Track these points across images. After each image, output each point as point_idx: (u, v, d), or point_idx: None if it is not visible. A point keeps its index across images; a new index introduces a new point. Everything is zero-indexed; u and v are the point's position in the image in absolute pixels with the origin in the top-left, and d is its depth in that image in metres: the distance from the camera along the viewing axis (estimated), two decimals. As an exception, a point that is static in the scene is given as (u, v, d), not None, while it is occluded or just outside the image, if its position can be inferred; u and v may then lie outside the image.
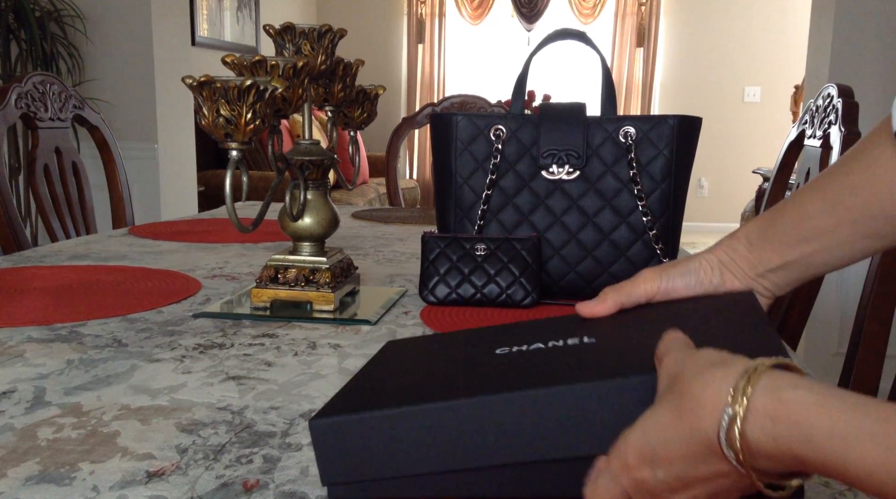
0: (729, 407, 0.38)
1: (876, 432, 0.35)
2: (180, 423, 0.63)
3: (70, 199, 1.72)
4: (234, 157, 0.79)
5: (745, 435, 0.37)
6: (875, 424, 0.35)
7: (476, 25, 6.04)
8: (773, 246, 0.61)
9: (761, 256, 0.61)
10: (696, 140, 1.03)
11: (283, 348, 0.82)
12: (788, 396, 0.37)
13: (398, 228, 1.68)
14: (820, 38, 2.60)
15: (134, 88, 3.22)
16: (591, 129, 1.01)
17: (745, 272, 0.61)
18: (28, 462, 0.55)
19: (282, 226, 0.97)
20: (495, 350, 0.53)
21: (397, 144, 2.36)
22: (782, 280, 0.62)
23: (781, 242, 0.61)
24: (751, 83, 5.88)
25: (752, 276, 0.61)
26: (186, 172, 3.56)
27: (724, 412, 0.38)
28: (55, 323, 0.89)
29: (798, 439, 0.36)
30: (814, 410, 0.36)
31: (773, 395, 0.37)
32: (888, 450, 0.34)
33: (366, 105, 1.09)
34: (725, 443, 0.38)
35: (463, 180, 1.03)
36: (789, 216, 0.62)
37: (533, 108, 3.63)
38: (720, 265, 0.62)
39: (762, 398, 0.37)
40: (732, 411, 0.38)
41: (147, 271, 1.17)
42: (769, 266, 0.61)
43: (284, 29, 0.93)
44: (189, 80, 0.76)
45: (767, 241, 0.61)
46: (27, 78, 1.64)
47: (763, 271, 0.61)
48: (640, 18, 5.87)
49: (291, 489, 0.52)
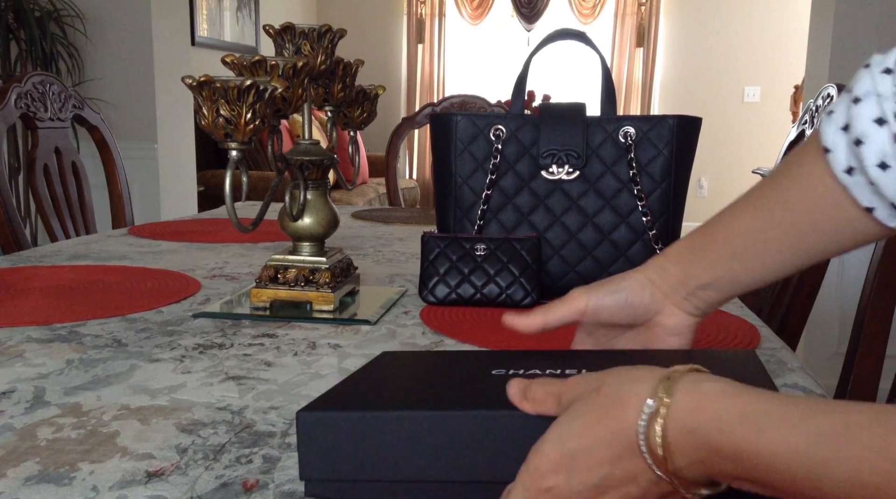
0: (651, 399, 0.38)
1: (784, 413, 0.35)
2: (180, 423, 0.63)
3: (70, 199, 1.72)
4: (233, 157, 0.79)
5: (664, 430, 0.37)
6: (785, 407, 0.36)
7: (476, 25, 6.04)
8: (701, 264, 0.61)
9: (690, 273, 0.61)
10: (695, 140, 1.03)
11: (282, 348, 0.82)
12: (706, 388, 0.38)
13: (398, 228, 1.68)
14: (820, 38, 2.60)
15: (134, 88, 3.22)
16: (591, 129, 1.01)
17: (675, 290, 0.61)
18: (28, 462, 0.55)
19: (281, 226, 0.97)
20: (492, 371, 0.53)
21: (397, 144, 2.36)
22: (711, 298, 0.61)
23: (710, 260, 0.61)
24: (751, 83, 5.88)
25: (682, 294, 0.61)
26: (186, 172, 3.56)
27: (643, 408, 0.38)
28: (55, 323, 0.89)
29: (714, 428, 0.37)
30: (729, 398, 0.37)
31: (692, 388, 0.38)
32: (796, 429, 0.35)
33: (365, 105, 1.09)
34: (644, 442, 0.38)
35: (463, 180, 1.03)
36: (719, 234, 0.61)
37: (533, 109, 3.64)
38: (650, 284, 0.62)
39: (681, 394, 0.38)
40: (654, 405, 0.38)
41: (147, 271, 1.17)
42: (698, 284, 0.61)
43: (284, 29, 0.93)
44: (189, 80, 0.76)
45: (697, 258, 0.61)
46: (27, 78, 1.64)
47: (692, 289, 0.61)
48: (639, 18, 5.87)
49: (291, 489, 0.52)
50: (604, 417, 0.40)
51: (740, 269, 0.60)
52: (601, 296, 0.61)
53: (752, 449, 0.35)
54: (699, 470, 0.38)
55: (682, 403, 0.38)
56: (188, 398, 0.68)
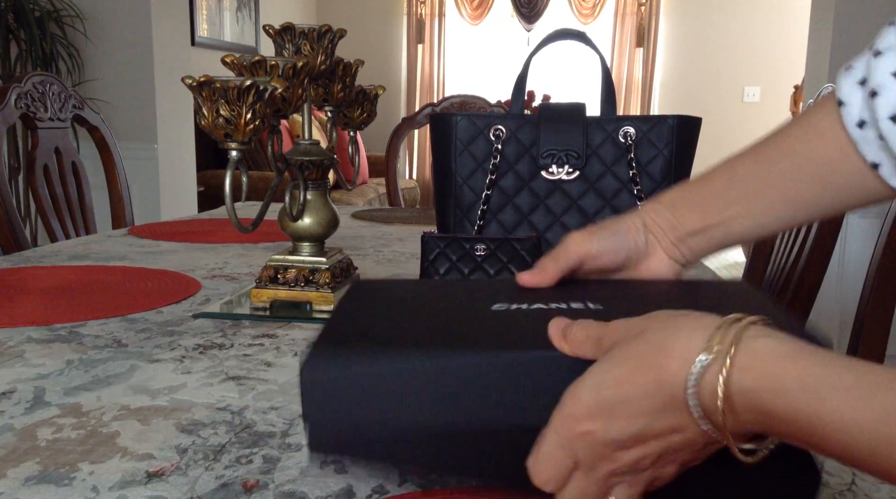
0: (703, 354, 0.36)
1: (849, 384, 0.33)
2: (180, 423, 0.63)
3: (70, 199, 1.72)
4: (233, 157, 0.79)
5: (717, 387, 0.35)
6: (849, 376, 0.34)
7: (476, 25, 6.04)
8: (695, 209, 0.60)
9: (683, 218, 0.60)
10: (695, 140, 1.03)
11: (282, 349, 0.82)
12: (761, 345, 0.36)
13: (398, 229, 1.68)
14: (820, 38, 2.60)
15: (134, 89, 3.22)
16: (591, 129, 1.01)
17: (667, 235, 0.60)
18: (28, 462, 0.55)
19: (281, 226, 0.97)
20: (492, 307, 0.51)
21: (397, 145, 2.36)
22: (700, 246, 0.60)
23: (704, 206, 0.60)
24: (750, 83, 5.88)
25: (672, 239, 0.60)
26: (186, 172, 3.56)
27: (694, 363, 0.36)
28: (55, 323, 0.89)
29: (769, 390, 0.35)
30: (788, 360, 0.35)
31: (747, 345, 0.36)
32: (862, 403, 0.33)
33: (365, 105, 1.09)
34: (693, 396, 0.36)
35: (462, 180, 1.03)
36: (718, 180, 0.61)
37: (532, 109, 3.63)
38: (644, 228, 0.60)
39: (735, 351, 0.36)
40: (706, 360, 0.36)
41: (147, 272, 1.17)
42: (689, 229, 0.60)
43: (284, 29, 0.93)
44: (189, 81, 0.76)
45: (691, 203, 0.61)
46: (27, 78, 1.64)
47: (683, 235, 0.60)
48: (639, 18, 5.87)
49: (291, 489, 0.52)
50: (645, 366, 0.38)
51: (734, 216, 0.59)
52: (602, 239, 0.59)
53: (813, 417, 0.33)
54: (749, 428, 0.36)
55: (736, 361, 0.35)
56: (188, 399, 0.68)
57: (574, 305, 0.51)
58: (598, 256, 0.59)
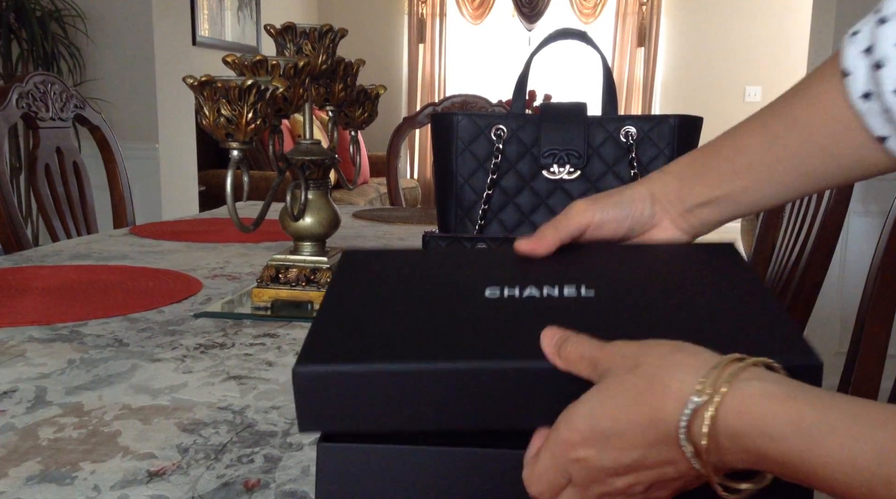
0: (696, 396, 0.36)
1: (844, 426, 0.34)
2: (181, 422, 0.63)
3: (71, 198, 1.72)
4: (235, 156, 0.79)
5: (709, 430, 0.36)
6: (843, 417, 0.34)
7: (477, 25, 6.04)
8: (703, 180, 0.60)
9: (691, 190, 0.59)
10: (697, 140, 1.03)
11: (284, 348, 0.82)
12: (755, 388, 0.36)
13: (399, 228, 1.68)
14: (820, 38, 2.60)
15: (135, 88, 3.22)
16: (592, 128, 1.01)
17: (674, 205, 0.60)
18: (29, 462, 0.55)
19: (283, 226, 0.97)
20: (485, 292, 0.50)
21: (398, 144, 2.36)
22: (708, 217, 0.60)
23: (713, 177, 0.59)
24: (752, 83, 5.87)
25: (680, 210, 0.60)
26: (187, 171, 3.56)
27: (687, 404, 0.36)
28: (56, 323, 0.89)
29: (762, 433, 0.35)
30: (780, 402, 0.35)
31: (740, 388, 0.36)
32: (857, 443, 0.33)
33: (367, 105, 1.09)
34: (685, 436, 0.37)
35: (464, 180, 1.03)
36: (725, 150, 0.60)
37: (534, 108, 3.63)
38: (651, 198, 0.60)
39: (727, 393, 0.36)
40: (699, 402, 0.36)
41: (148, 271, 1.17)
42: (697, 201, 0.59)
43: (285, 29, 0.93)
44: (190, 80, 0.76)
45: (698, 174, 0.60)
46: (28, 78, 1.65)
47: (691, 206, 0.59)
48: (640, 18, 5.86)
49: (292, 489, 0.52)
50: (640, 402, 0.38)
51: (742, 187, 0.59)
52: (606, 208, 0.58)
53: (806, 459, 0.34)
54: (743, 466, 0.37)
55: (728, 404, 0.36)
56: (189, 398, 0.68)
57: (567, 290, 0.50)
58: (601, 225, 0.58)
